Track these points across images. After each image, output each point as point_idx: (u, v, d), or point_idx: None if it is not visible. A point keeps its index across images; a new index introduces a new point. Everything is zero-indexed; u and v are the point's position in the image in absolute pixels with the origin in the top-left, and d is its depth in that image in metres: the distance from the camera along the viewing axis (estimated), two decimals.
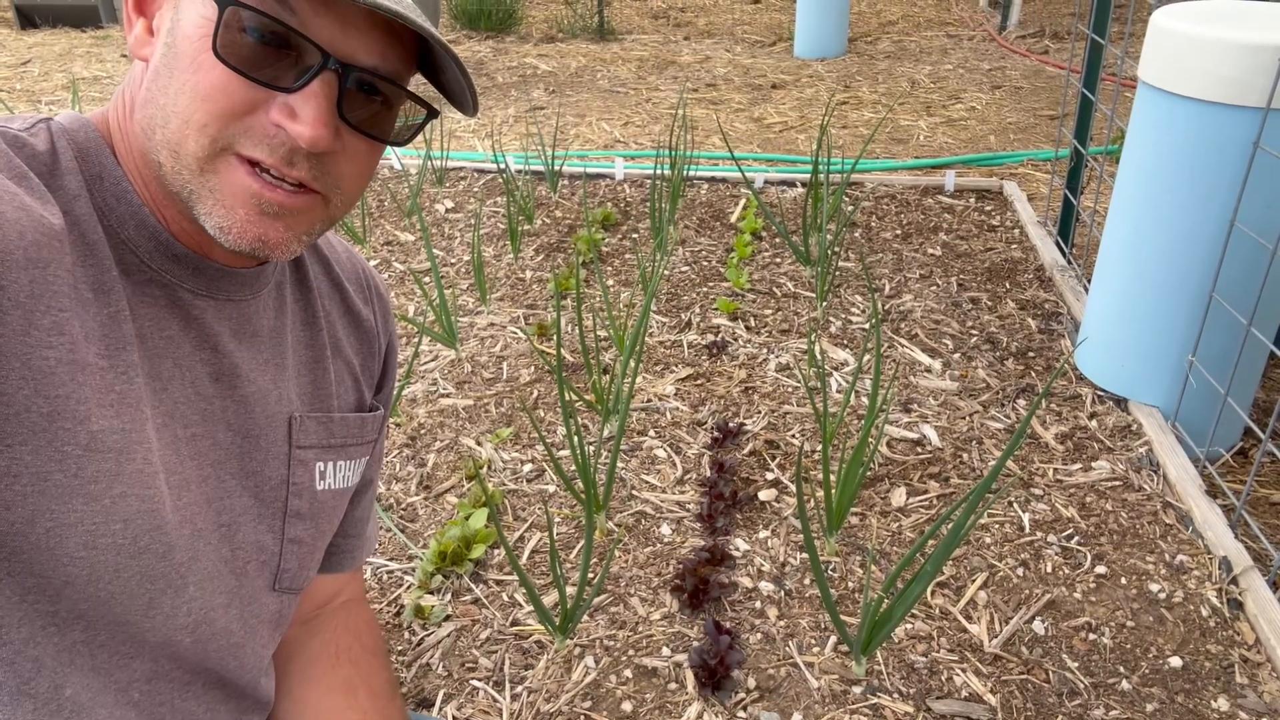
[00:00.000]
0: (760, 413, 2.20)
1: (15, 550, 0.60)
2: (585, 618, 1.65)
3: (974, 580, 1.71)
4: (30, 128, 0.67)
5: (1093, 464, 1.99)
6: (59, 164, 0.66)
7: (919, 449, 2.07)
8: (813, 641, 1.59)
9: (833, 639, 1.59)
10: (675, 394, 2.28)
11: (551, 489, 1.98)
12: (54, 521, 0.61)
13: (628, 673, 1.54)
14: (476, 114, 0.73)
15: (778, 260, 2.97)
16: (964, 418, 2.16)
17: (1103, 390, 2.23)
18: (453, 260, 3.04)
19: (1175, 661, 1.53)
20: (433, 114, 0.73)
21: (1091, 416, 2.15)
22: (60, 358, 0.60)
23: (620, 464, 2.04)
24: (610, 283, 2.84)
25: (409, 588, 1.73)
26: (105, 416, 0.63)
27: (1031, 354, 2.41)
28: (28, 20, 6.46)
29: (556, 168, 3.58)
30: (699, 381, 2.33)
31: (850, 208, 3.31)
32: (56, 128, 0.68)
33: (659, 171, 3.02)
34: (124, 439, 0.65)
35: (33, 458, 0.59)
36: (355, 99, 0.67)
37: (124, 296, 0.67)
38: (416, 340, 2.51)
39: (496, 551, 1.80)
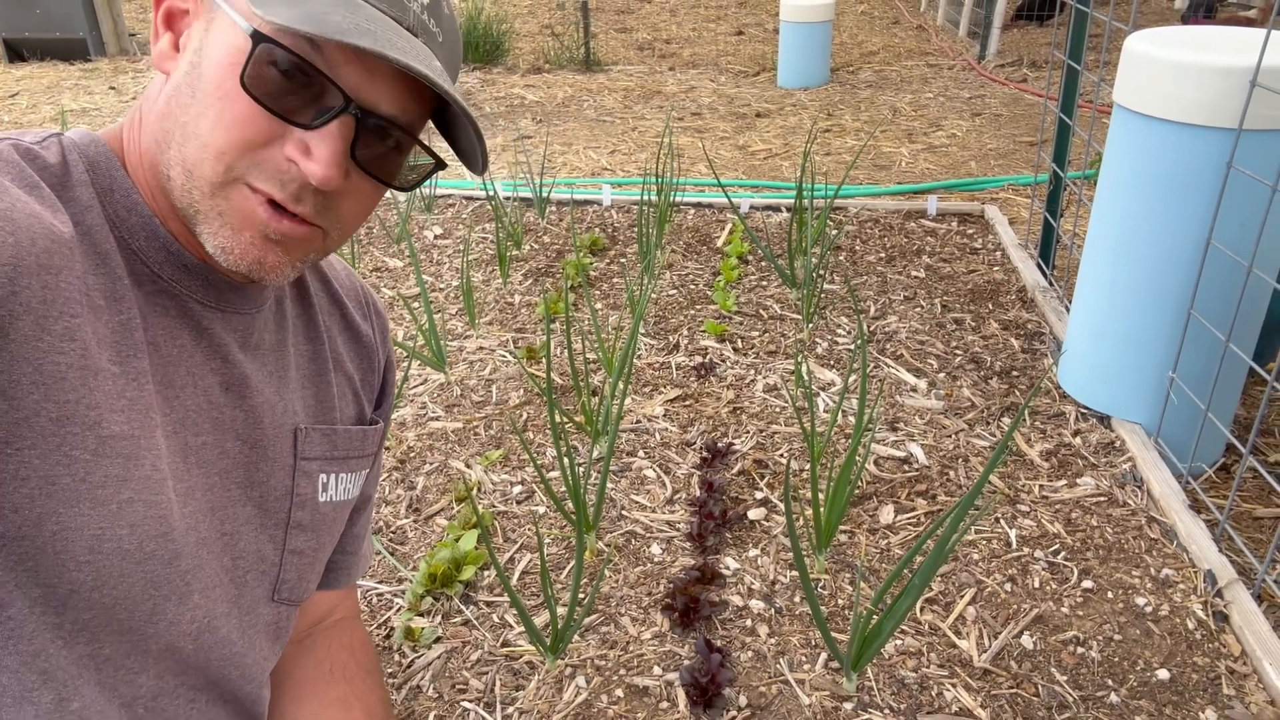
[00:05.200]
0: (749, 433, 2.21)
1: (22, 555, 0.61)
2: (576, 638, 1.65)
3: (963, 596, 1.72)
4: (42, 141, 0.68)
5: (1077, 480, 2.01)
6: (70, 175, 0.67)
7: (906, 467, 2.08)
8: (803, 659, 1.60)
9: (823, 656, 1.60)
10: (664, 415, 2.29)
11: (541, 510, 1.98)
12: (60, 525, 0.62)
13: (619, 692, 1.54)
14: (484, 173, 0.75)
15: (764, 283, 3.00)
16: (950, 436, 2.18)
17: (1086, 408, 2.26)
18: (442, 286, 3.06)
19: (1163, 674, 1.54)
20: (440, 165, 0.75)
21: (1075, 434, 2.18)
22: (71, 363, 0.61)
23: (610, 484, 2.04)
24: (599, 306, 2.86)
25: (399, 610, 1.73)
26: (115, 422, 0.64)
27: (1015, 373, 2.43)
28: (15, 54, 6.49)
29: (544, 194, 3.61)
30: (687, 402, 2.35)
31: (834, 232, 3.35)
32: (68, 141, 0.69)
33: (646, 197, 3.06)
34: (133, 445, 0.66)
35: (40, 461, 0.60)
36: (369, 143, 0.68)
37: (135, 305, 0.68)
38: (406, 364, 2.51)
39: (486, 573, 1.80)
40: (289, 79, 0.63)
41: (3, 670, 0.63)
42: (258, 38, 0.62)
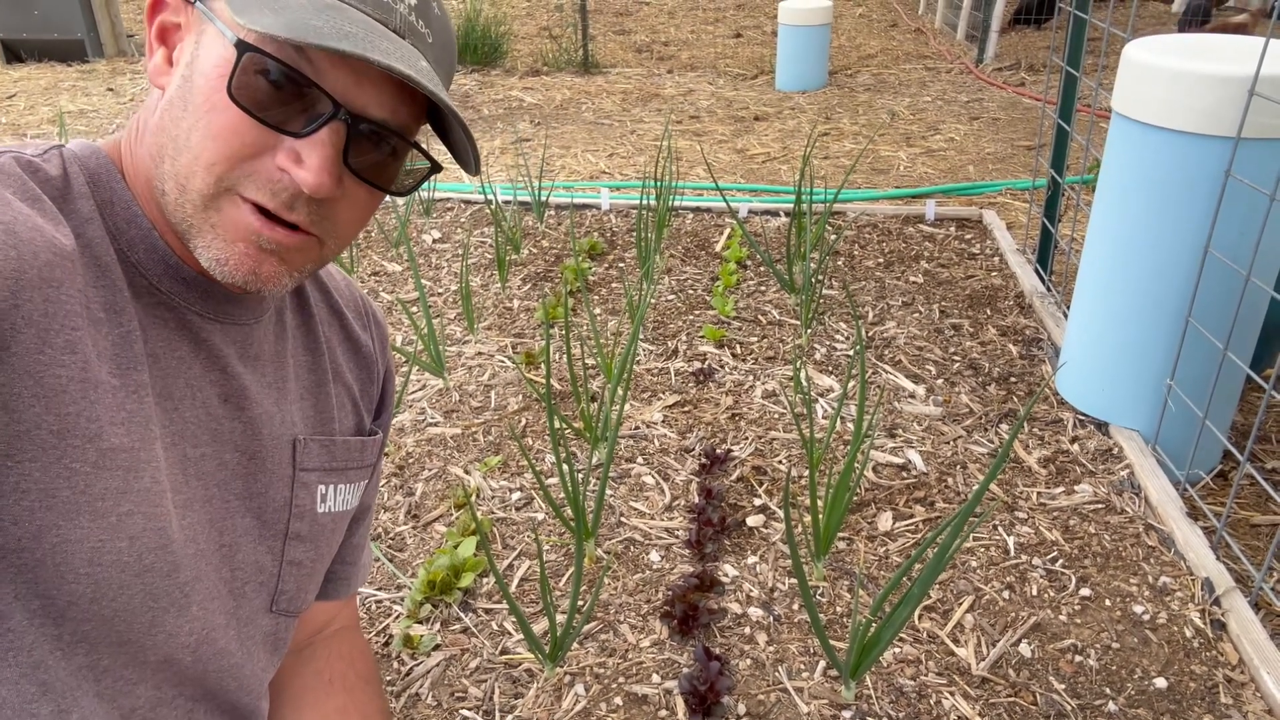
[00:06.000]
0: (747, 439, 2.21)
1: (22, 567, 0.61)
2: (575, 645, 1.65)
3: (961, 603, 1.72)
4: (43, 153, 0.68)
5: (1075, 487, 2.02)
6: (71, 188, 0.68)
7: (904, 474, 2.08)
8: (802, 666, 1.60)
9: (822, 664, 1.60)
10: (663, 421, 2.29)
11: (540, 517, 1.98)
12: (60, 537, 0.62)
13: (618, 700, 1.54)
14: (478, 173, 0.75)
15: (762, 288, 3.00)
16: (948, 443, 2.18)
17: (1084, 414, 2.26)
18: (440, 290, 3.06)
19: (1160, 682, 1.54)
20: (436, 168, 0.74)
21: (1073, 440, 2.18)
22: (72, 376, 0.61)
23: (609, 491, 2.04)
24: (597, 311, 2.86)
25: (398, 617, 1.73)
26: (115, 434, 0.64)
27: (1013, 379, 2.44)
28: (13, 55, 6.48)
29: (543, 198, 3.61)
30: (686, 408, 2.35)
31: (833, 237, 3.35)
32: (69, 154, 0.69)
33: (644, 202, 3.06)
34: (133, 457, 0.66)
35: (41, 474, 0.60)
36: (361, 148, 0.68)
37: (135, 317, 0.68)
38: (405, 370, 2.51)
39: (484, 580, 1.80)
40: (276, 87, 0.63)
41: (2, 682, 0.63)
42: (242, 47, 0.62)
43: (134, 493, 0.65)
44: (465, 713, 1.53)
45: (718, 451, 2.12)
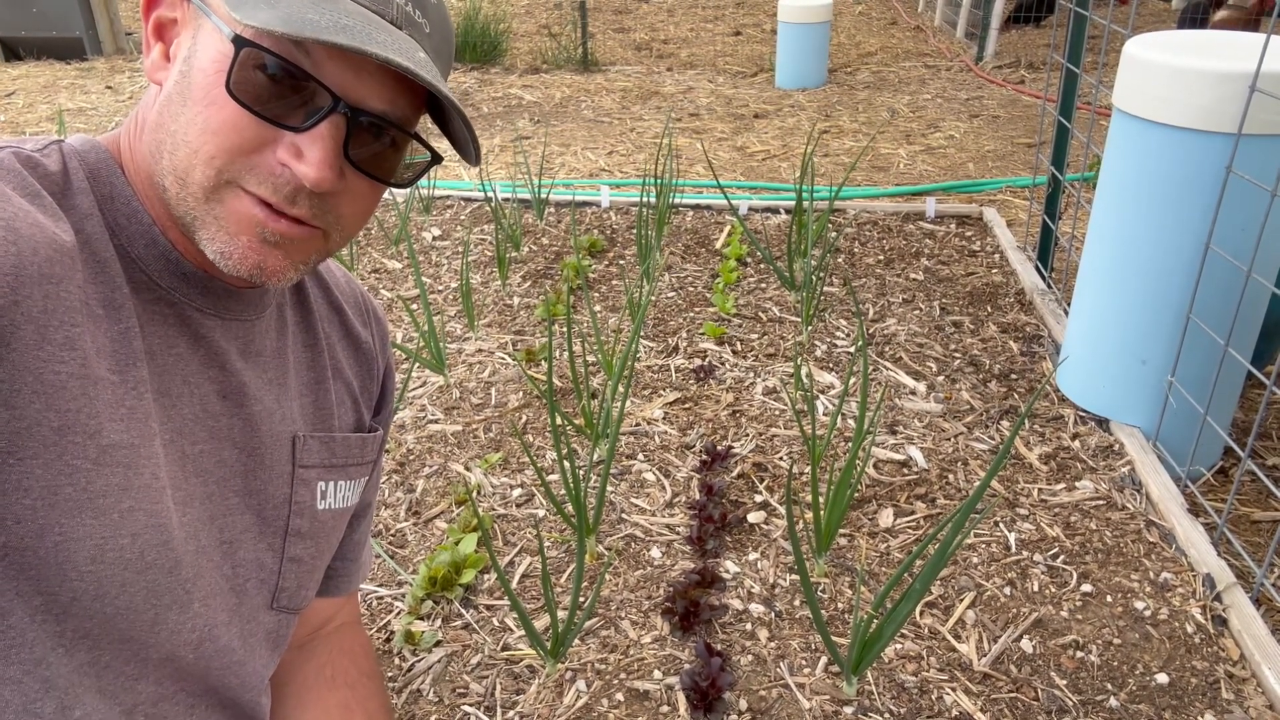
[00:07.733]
0: (748, 436, 2.21)
1: (24, 566, 0.61)
2: (576, 641, 1.64)
3: (962, 600, 1.72)
4: (43, 148, 0.68)
5: (1076, 484, 2.02)
6: (71, 183, 0.67)
7: (905, 470, 2.08)
8: (803, 662, 1.60)
9: (823, 660, 1.60)
10: (664, 418, 2.29)
11: (541, 513, 1.98)
12: (62, 535, 0.61)
13: (619, 696, 1.54)
14: (478, 164, 0.74)
15: (763, 286, 3.00)
16: (949, 439, 2.18)
17: (1084, 411, 2.26)
18: (440, 287, 3.06)
19: (1162, 678, 1.54)
20: (436, 159, 0.74)
21: (1074, 437, 2.18)
22: (72, 372, 0.61)
23: (610, 488, 2.04)
24: (598, 308, 2.86)
25: (399, 614, 1.73)
26: (115, 431, 0.64)
27: (1014, 376, 2.44)
28: (12, 53, 6.47)
29: (543, 196, 3.61)
30: (687, 405, 2.35)
31: (834, 234, 3.35)
32: (68, 149, 0.69)
33: (644, 199, 3.05)
34: (133, 454, 0.65)
35: (43, 471, 0.60)
36: (362, 141, 0.67)
37: (134, 313, 0.68)
38: (406, 367, 2.51)
39: (486, 577, 1.80)
40: (275, 82, 0.63)
41: (5, 680, 0.63)
42: (239, 42, 0.62)
43: (135, 489, 0.65)
44: (467, 708, 1.53)
45: (719, 448, 2.12)
